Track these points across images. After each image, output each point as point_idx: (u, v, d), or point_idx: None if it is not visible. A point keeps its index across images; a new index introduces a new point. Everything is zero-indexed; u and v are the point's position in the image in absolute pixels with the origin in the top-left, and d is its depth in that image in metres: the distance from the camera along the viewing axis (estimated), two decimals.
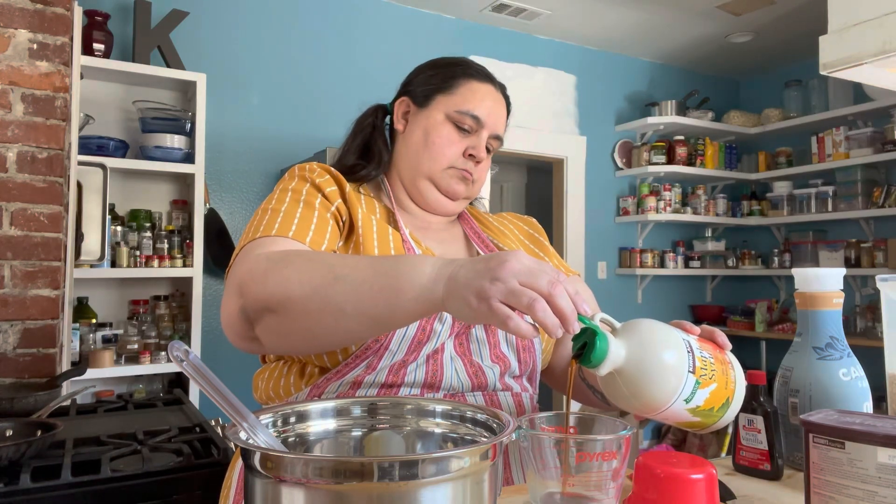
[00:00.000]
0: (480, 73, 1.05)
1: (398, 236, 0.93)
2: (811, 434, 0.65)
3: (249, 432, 0.52)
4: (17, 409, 1.37)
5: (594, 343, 0.65)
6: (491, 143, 1.04)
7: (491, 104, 1.02)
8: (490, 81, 1.05)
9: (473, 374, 0.88)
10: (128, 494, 1.00)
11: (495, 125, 1.03)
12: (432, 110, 1.02)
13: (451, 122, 1.01)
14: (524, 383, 0.95)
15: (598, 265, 4.16)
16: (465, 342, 0.90)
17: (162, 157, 2.64)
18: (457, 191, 1.02)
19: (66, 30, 1.83)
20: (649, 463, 0.62)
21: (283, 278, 0.73)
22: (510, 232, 1.13)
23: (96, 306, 2.67)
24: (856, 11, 1.12)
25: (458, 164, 1.01)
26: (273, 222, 0.86)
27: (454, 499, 0.47)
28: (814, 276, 0.81)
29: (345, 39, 3.37)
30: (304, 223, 0.87)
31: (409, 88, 1.07)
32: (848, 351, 0.81)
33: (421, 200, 1.03)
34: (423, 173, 1.01)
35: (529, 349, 0.95)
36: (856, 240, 3.83)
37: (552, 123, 4.01)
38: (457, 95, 1.02)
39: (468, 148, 1.01)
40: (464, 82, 1.03)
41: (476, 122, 1.01)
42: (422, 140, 1.02)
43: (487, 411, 0.61)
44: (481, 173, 1.04)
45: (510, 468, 0.88)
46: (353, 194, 0.97)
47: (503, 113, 1.06)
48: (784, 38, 3.94)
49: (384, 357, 0.84)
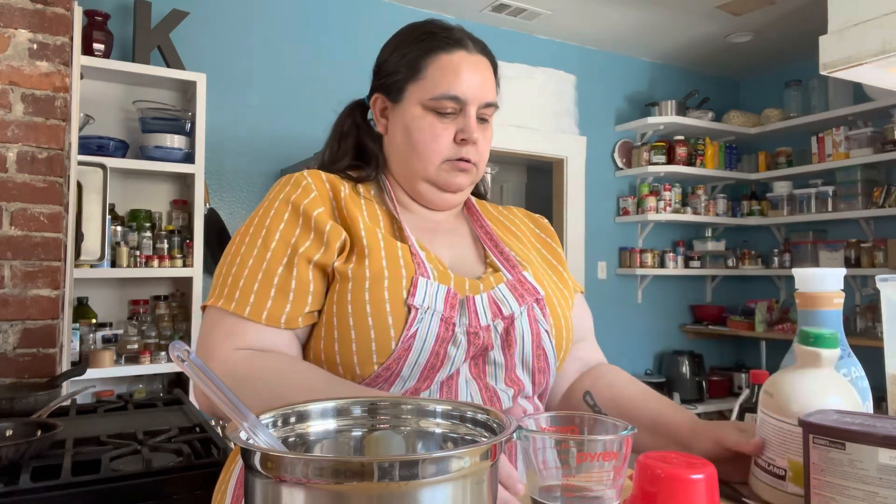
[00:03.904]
0: (447, 40, 0.93)
1: (406, 249, 0.88)
2: (811, 435, 0.65)
3: (250, 432, 0.52)
4: (17, 409, 1.37)
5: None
6: (484, 113, 0.94)
7: (468, 73, 0.91)
8: (459, 46, 0.93)
9: (489, 399, 0.85)
10: (128, 494, 1.00)
11: (481, 94, 0.91)
12: (407, 104, 0.93)
13: (431, 111, 0.91)
14: (535, 402, 0.93)
15: (598, 265, 4.16)
16: (481, 364, 0.86)
17: (162, 157, 2.64)
18: (459, 183, 0.94)
19: (66, 30, 1.83)
20: (649, 463, 0.62)
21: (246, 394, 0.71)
22: (523, 235, 1.07)
23: (96, 306, 2.67)
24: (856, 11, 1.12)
25: (452, 155, 0.92)
26: (249, 289, 0.82)
27: (454, 499, 0.47)
28: (814, 276, 0.81)
29: (345, 39, 3.37)
30: (281, 296, 0.82)
31: (381, 81, 0.97)
32: (848, 351, 0.81)
33: (424, 201, 0.97)
34: (418, 176, 0.94)
35: (545, 371, 0.91)
36: (856, 240, 3.83)
37: (552, 123, 4.01)
38: (427, 80, 0.91)
39: (458, 133, 0.91)
40: (431, 61, 0.92)
41: (456, 101, 0.90)
42: (405, 141, 0.93)
43: (487, 411, 0.61)
44: (482, 151, 0.95)
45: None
46: (352, 200, 0.91)
47: (488, 75, 0.94)
48: (784, 38, 3.94)
49: (395, 384, 0.82)
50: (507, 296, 0.90)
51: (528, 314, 0.90)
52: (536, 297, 0.92)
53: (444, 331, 0.83)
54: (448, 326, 0.83)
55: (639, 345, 4.29)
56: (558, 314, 0.94)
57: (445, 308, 0.84)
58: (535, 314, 0.91)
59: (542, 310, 0.92)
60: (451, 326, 0.83)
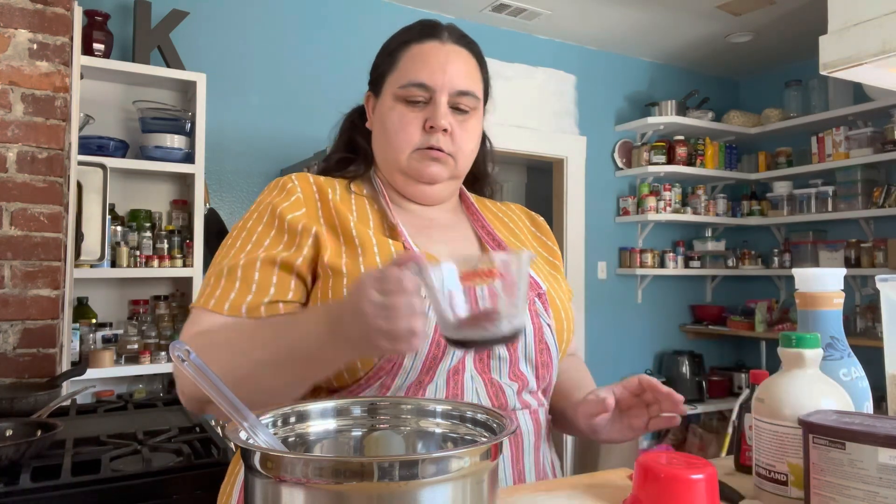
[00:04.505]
0: (422, 32, 0.93)
1: (400, 246, 0.88)
2: (811, 434, 0.65)
3: (250, 432, 0.52)
4: (17, 409, 1.37)
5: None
6: (460, 103, 0.91)
7: (438, 62, 0.90)
8: (432, 37, 0.92)
9: (494, 395, 0.85)
10: (128, 494, 1.00)
11: (451, 81, 0.89)
12: (384, 96, 0.93)
13: (401, 101, 0.90)
14: (540, 397, 0.92)
15: (598, 265, 4.16)
16: (485, 358, 0.86)
17: (162, 157, 2.64)
18: (432, 173, 0.91)
19: (66, 30, 1.83)
20: (649, 463, 0.62)
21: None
22: (521, 231, 1.07)
23: (96, 306, 2.67)
24: (856, 11, 1.11)
25: (422, 144, 0.90)
26: (217, 285, 0.84)
27: (454, 499, 0.47)
28: (814, 276, 0.81)
29: (345, 39, 3.37)
30: (244, 287, 0.83)
31: (370, 78, 0.98)
32: (848, 351, 0.81)
33: (408, 195, 0.96)
34: (393, 167, 0.93)
35: (548, 365, 0.92)
36: (856, 240, 3.83)
37: (552, 123, 4.01)
38: (399, 70, 0.91)
39: (426, 121, 0.89)
40: (404, 51, 0.92)
41: (423, 88, 0.89)
42: (381, 132, 0.94)
43: (487, 411, 0.61)
44: (459, 143, 0.92)
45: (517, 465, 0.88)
46: (343, 201, 0.91)
47: (463, 64, 0.92)
48: (784, 38, 3.94)
49: (398, 376, 0.81)
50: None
51: (529, 308, 0.91)
52: (538, 292, 0.93)
53: None
54: None
55: (639, 345, 4.29)
56: (559, 308, 0.95)
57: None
58: (536, 308, 0.92)
59: (543, 304, 0.93)
60: None
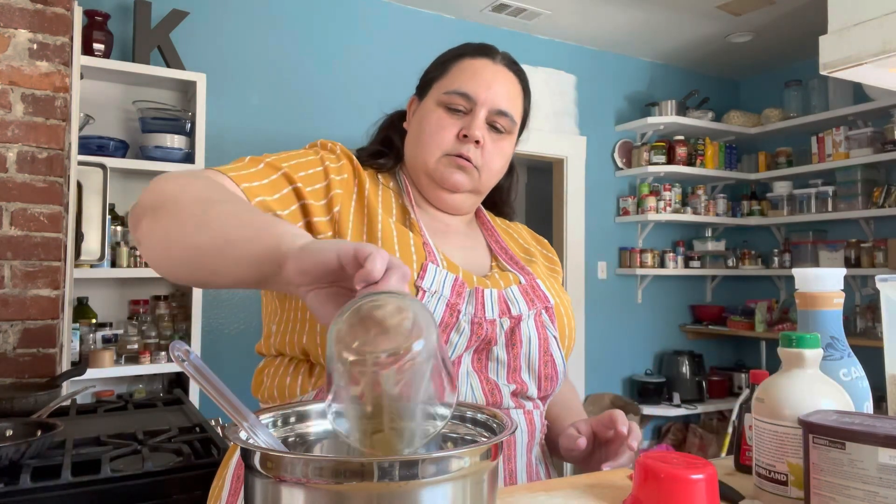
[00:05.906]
0: (478, 49, 0.98)
1: (418, 238, 0.89)
2: (811, 434, 0.65)
3: (250, 432, 0.52)
4: (17, 409, 1.37)
5: None
6: (497, 122, 0.94)
7: (485, 78, 0.94)
8: (487, 55, 0.96)
9: (489, 392, 0.86)
10: (128, 494, 1.00)
11: (493, 99, 0.93)
12: (428, 100, 0.97)
13: (443, 106, 0.94)
14: (537, 402, 0.93)
15: (598, 265, 4.16)
16: (483, 359, 0.87)
17: (162, 157, 2.64)
18: (455, 182, 0.94)
19: (66, 30, 1.83)
20: (649, 463, 0.62)
21: (180, 185, 0.73)
22: (529, 245, 1.09)
23: (96, 306, 2.67)
24: (856, 11, 1.12)
25: (452, 150, 0.93)
26: (246, 166, 0.83)
27: (454, 499, 0.47)
28: (814, 276, 0.81)
29: (345, 39, 3.37)
30: (269, 188, 0.82)
31: (419, 84, 1.02)
32: (848, 351, 0.81)
33: (429, 198, 0.98)
34: (420, 167, 0.96)
35: (552, 378, 0.92)
36: (856, 240, 3.83)
37: (552, 123, 4.01)
38: (448, 77, 0.96)
39: (461, 129, 0.92)
40: (456, 63, 0.96)
41: (466, 99, 0.92)
42: (416, 131, 0.97)
43: (487, 411, 0.61)
44: (488, 158, 0.95)
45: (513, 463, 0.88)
46: (372, 184, 0.94)
47: (508, 87, 0.96)
48: (784, 38, 3.94)
49: None
50: (517, 297, 0.92)
51: (535, 318, 0.91)
52: (546, 305, 0.94)
53: (448, 316, 0.84)
54: (453, 313, 0.84)
55: (639, 345, 4.29)
56: (564, 324, 0.96)
57: (452, 295, 0.85)
58: (542, 320, 0.92)
59: (550, 317, 0.94)
60: (455, 313, 0.84)
